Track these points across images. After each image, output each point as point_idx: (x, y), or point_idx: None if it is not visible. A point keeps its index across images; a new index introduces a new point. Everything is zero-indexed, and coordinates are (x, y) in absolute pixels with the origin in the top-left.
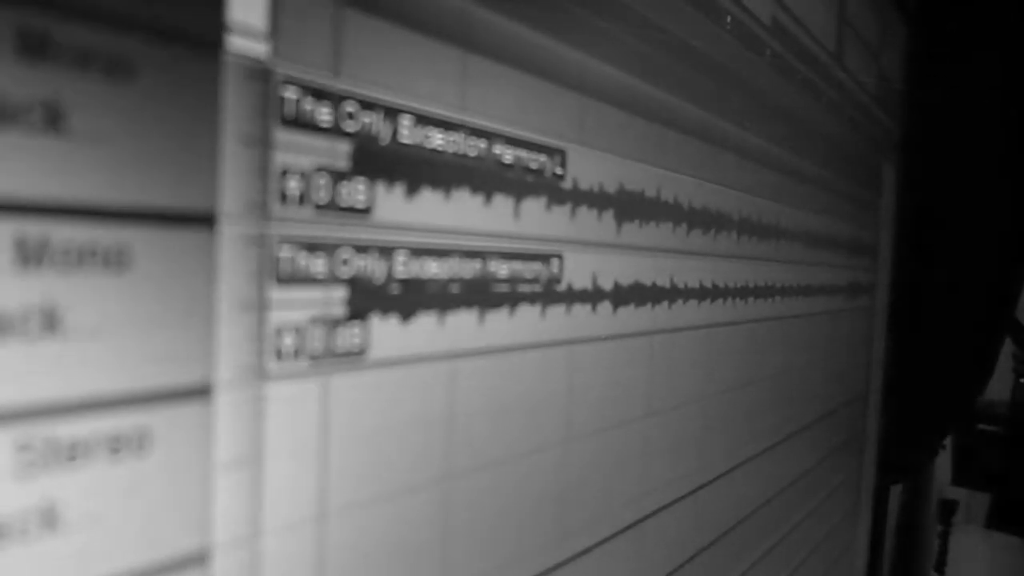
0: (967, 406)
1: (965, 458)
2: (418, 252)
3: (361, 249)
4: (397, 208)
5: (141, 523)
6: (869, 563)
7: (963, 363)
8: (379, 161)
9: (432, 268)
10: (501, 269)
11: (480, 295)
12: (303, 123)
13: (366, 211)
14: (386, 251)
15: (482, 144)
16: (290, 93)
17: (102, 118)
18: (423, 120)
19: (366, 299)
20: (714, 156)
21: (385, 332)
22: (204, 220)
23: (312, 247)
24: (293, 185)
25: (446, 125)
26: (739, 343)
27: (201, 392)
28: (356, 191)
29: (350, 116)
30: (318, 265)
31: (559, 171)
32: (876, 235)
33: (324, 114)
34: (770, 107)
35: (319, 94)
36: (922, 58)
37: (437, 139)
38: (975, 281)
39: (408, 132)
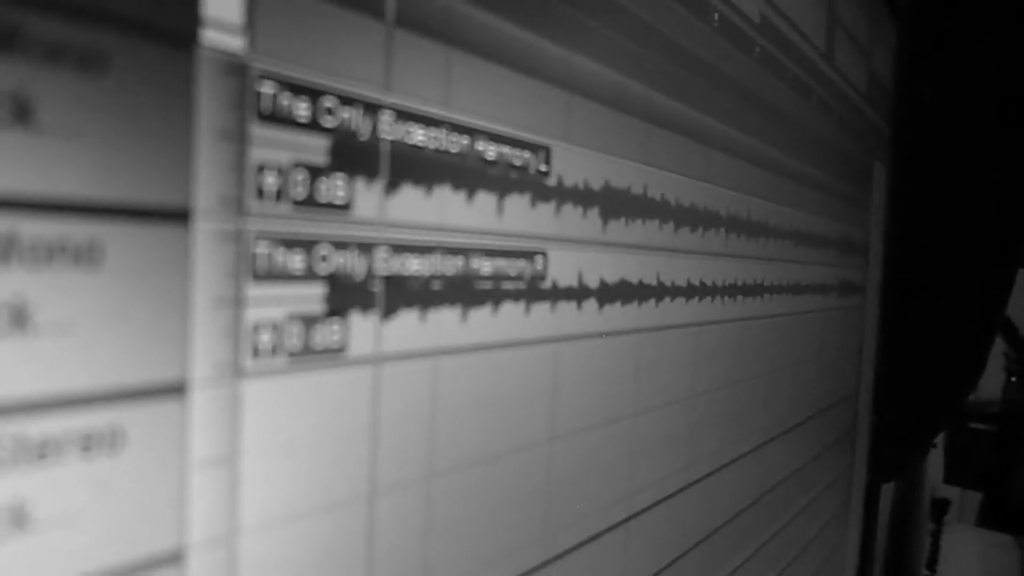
0: (958, 405)
1: (957, 457)
2: (399, 248)
3: (340, 245)
4: (377, 204)
5: (114, 522)
6: (860, 561)
7: (954, 361)
8: (359, 157)
9: (414, 265)
10: (484, 266)
11: (463, 292)
12: (280, 118)
13: (345, 207)
14: (366, 247)
15: (465, 140)
16: (267, 88)
17: (73, 112)
18: (404, 116)
19: (346, 296)
20: (702, 153)
21: (366, 329)
22: (178, 216)
23: (290, 243)
24: (270, 181)
25: (428, 121)
26: (728, 341)
27: (176, 390)
28: (335, 187)
29: (329, 111)
30: (296, 261)
31: (544, 168)
32: (867, 233)
33: (302, 109)
34: (759, 105)
35: (297, 89)
36: (913, 57)
37: (418, 135)
38: (966, 279)
39: (389, 128)
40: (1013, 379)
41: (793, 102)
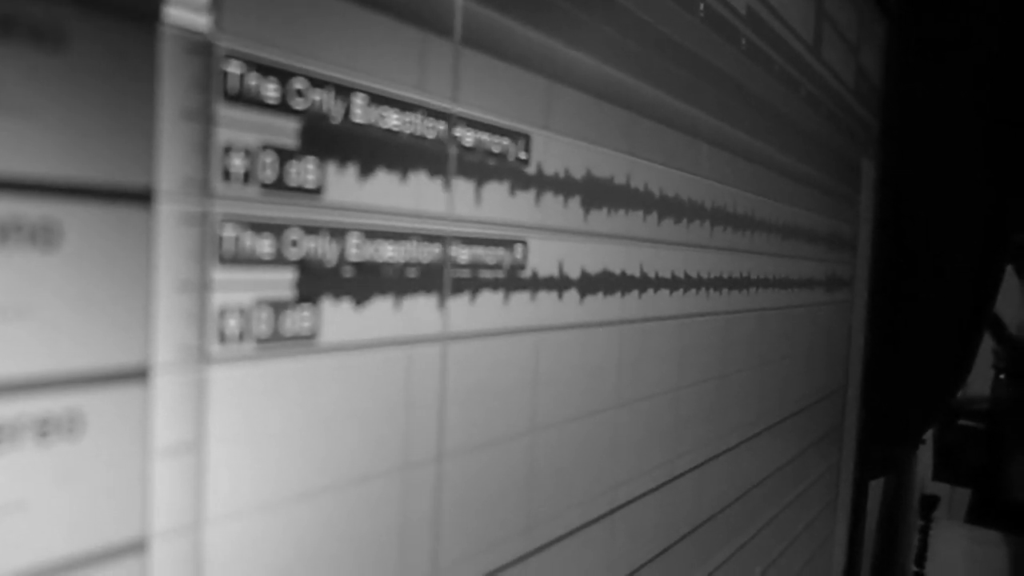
0: (946, 401)
1: (946, 453)
2: (372, 235)
3: (311, 230)
4: (350, 189)
5: (73, 510)
6: (848, 557)
7: (942, 358)
8: (330, 140)
9: (388, 251)
10: (461, 254)
11: (439, 280)
12: (248, 99)
13: (316, 191)
14: (338, 233)
15: (441, 126)
16: (233, 68)
17: (28, 89)
18: (378, 99)
19: (317, 282)
20: (687, 144)
21: (337, 316)
22: (140, 196)
23: (258, 227)
24: (237, 163)
25: (402, 105)
26: (714, 334)
27: (138, 374)
28: (305, 170)
29: (299, 93)
30: (264, 246)
31: (523, 155)
32: (855, 229)
33: (271, 90)
34: (746, 98)
35: (265, 69)
36: (901, 53)
37: (393, 119)
38: (954, 275)
39: (361, 111)
40: (1002, 376)
41: (780, 95)
